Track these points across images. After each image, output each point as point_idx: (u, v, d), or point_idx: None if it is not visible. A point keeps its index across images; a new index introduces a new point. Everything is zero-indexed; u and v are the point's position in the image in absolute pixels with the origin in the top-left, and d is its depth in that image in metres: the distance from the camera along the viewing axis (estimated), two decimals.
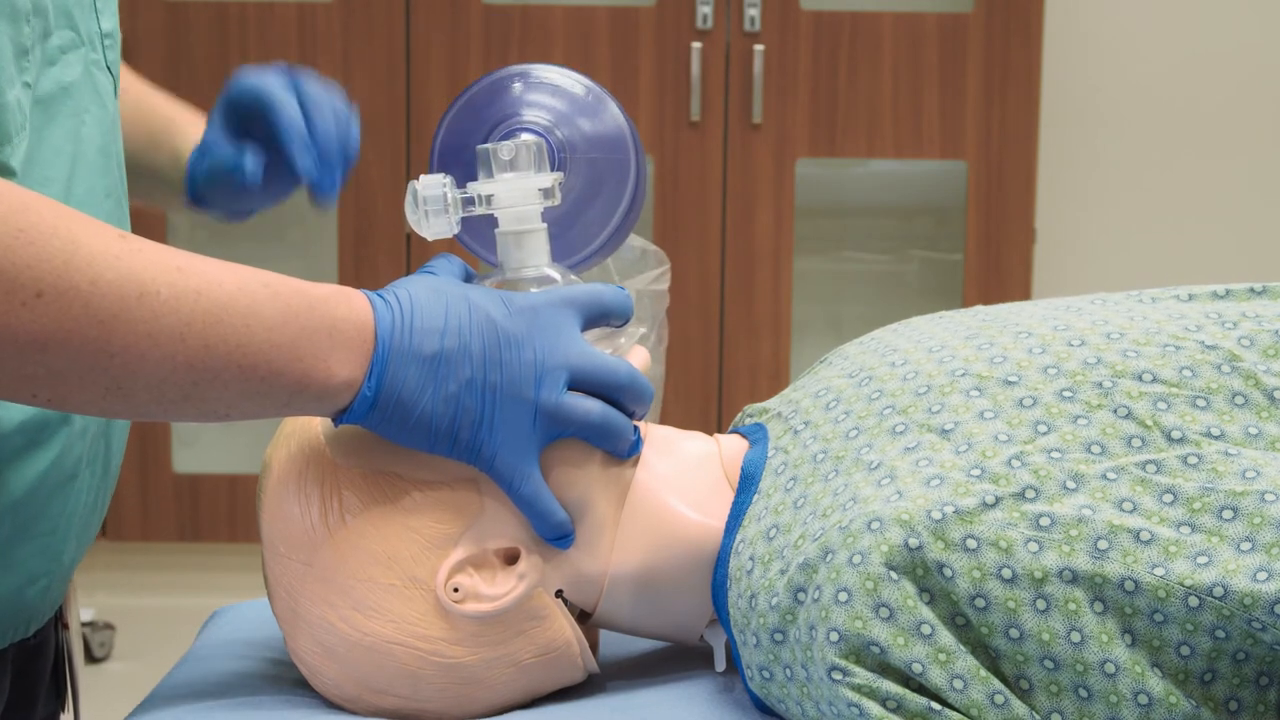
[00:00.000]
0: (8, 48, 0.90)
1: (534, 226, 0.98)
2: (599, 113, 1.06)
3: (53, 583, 1.02)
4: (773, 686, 0.90)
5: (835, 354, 1.05)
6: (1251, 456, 0.86)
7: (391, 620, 0.93)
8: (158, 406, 0.86)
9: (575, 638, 0.96)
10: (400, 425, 0.90)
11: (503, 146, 0.98)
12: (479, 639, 0.93)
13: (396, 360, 0.88)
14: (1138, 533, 0.84)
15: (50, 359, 0.81)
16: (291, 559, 0.95)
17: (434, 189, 0.97)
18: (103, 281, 0.81)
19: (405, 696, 0.94)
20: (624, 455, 0.96)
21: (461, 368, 0.89)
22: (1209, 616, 0.82)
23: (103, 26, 1.01)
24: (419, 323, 0.89)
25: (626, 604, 0.97)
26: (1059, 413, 0.90)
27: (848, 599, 0.85)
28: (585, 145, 1.04)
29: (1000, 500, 0.85)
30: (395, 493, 0.93)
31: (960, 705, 0.83)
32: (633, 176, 1.05)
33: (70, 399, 0.84)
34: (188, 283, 0.84)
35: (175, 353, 0.83)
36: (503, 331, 0.90)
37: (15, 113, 0.91)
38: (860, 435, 0.93)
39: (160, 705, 0.98)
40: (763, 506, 0.94)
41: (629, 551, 0.96)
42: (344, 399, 0.88)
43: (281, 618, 0.96)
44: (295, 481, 0.95)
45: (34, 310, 0.79)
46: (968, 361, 0.95)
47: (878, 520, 0.86)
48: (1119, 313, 0.98)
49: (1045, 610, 0.83)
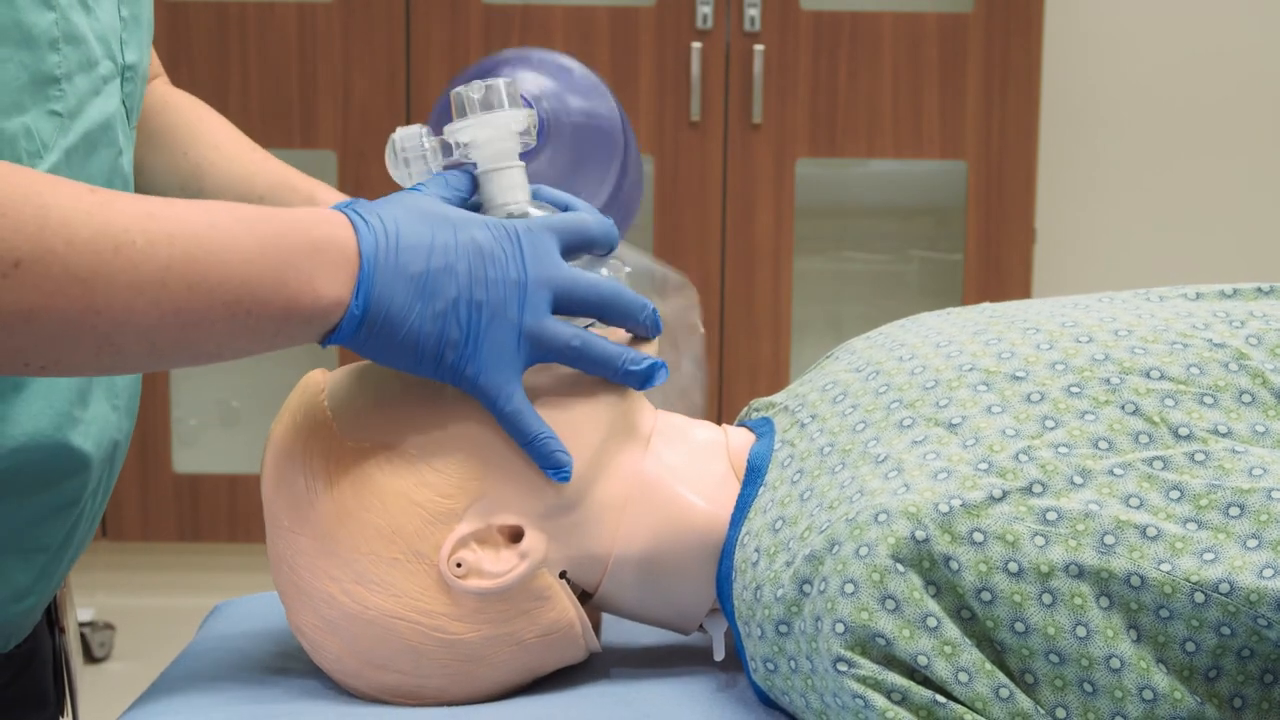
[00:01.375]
0: (19, 75, 0.90)
1: (511, 164, 0.98)
2: (588, 90, 1.06)
3: (39, 600, 1.02)
4: (776, 678, 0.90)
5: (842, 349, 1.05)
6: (1258, 454, 0.87)
7: (394, 594, 0.93)
8: (151, 357, 0.85)
9: (578, 618, 0.96)
10: (387, 344, 0.89)
11: (473, 86, 0.98)
12: (481, 616, 0.93)
13: (383, 278, 0.88)
14: (1144, 528, 0.84)
15: (37, 327, 0.81)
16: (295, 532, 0.95)
17: (411, 139, 0.98)
18: (78, 240, 0.80)
19: (406, 672, 0.94)
20: (635, 384, 0.95)
21: (448, 287, 0.89)
22: (1215, 613, 0.82)
23: (126, 59, 1.01)
24: (404, 242, 0.89)
25: (629, 587, 0.97)
26: (1066, 408, 0.90)
27: (854, 590, 0.85)
28: (570, 114, 1.04)
29: (1007, 494, 0.86)
30: (400, 467, 0.93)
31: (965, 698, 0.83)
32: (620, 150, 1.04)
33: (63, 363, 0.84)
34: (161, 228, 0.83)
35: (160, 299, 0.83)
36: (488, 253, 0.90)
37: (19, 140, 0.90)
38: (867, 429, 0.93)
39: (160, 697, 0.98)
40: (769, 499, 0.95)
41: (635, 535, 0.96)
42: (333, 318, 0.88)
43: (284, 591, 0.97)
44: (300, 455, 0.95)
45: (14, 280, 0.79)
46: (975, 356, 0.95)
47: (885, 512, 0.86)
48: (1127, 310, 0.99)
49: (1051, 605, 0.83)
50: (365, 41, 3.23)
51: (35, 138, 0.91)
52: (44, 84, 0.91)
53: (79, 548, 1.03)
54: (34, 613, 1.03)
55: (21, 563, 0.98)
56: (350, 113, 3.25)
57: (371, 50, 3.24)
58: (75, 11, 0.94)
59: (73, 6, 0.93)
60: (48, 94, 0.92)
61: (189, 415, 3.43)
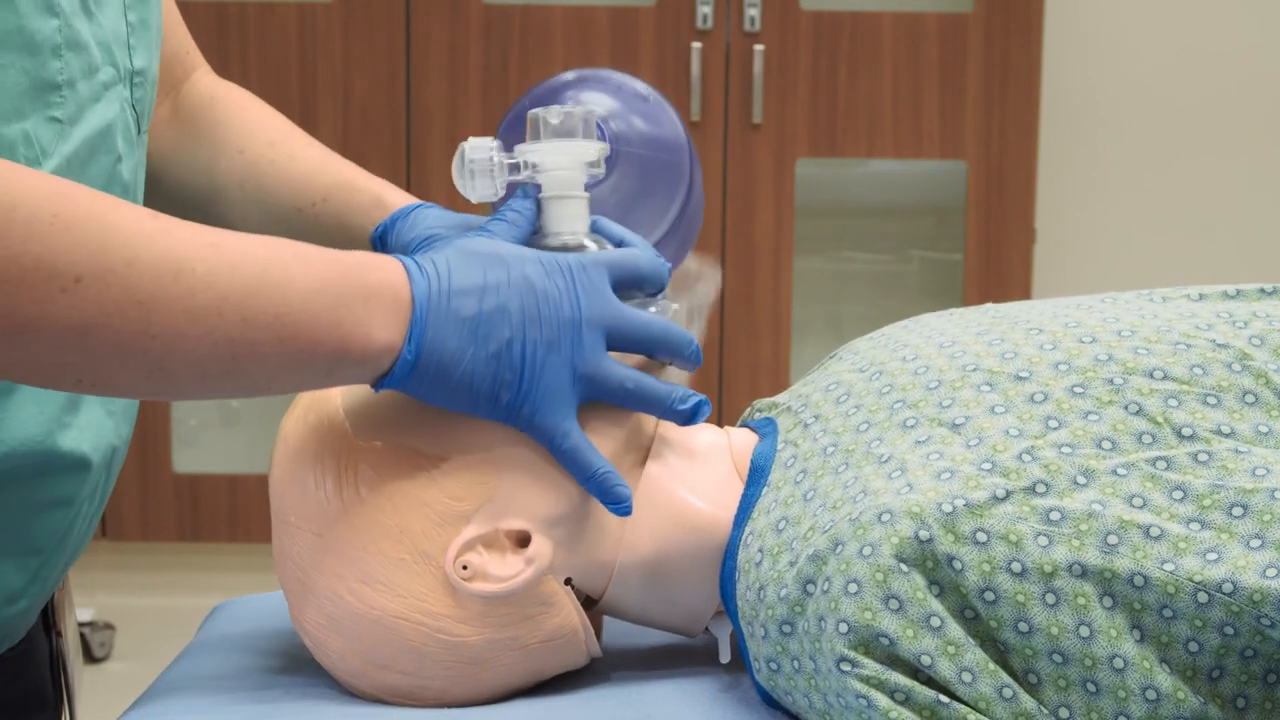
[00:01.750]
0: (19, 81, 0.89)
1: (576, 194, 0.98)
2: (657, 116, 1.06)
3: (33, 603, 1.02)
4: (780, 679, 0.90)
5: (845, 349, 1.05)
6: (1261, 454, 0.87)
7: (399, 594, 0.93)
8: (200, 385, 0.85)
9: (582, 625, 0.96)
10: (441, 388, 0.90)
11: (552, 110, 0.98)
12: (485, 619, 0.93)
13: (435, 322, 0.88)
14: (1148, 528, 0.84)
15: (91, 343, 0.81)
16: (302, 529, 0.95)
17: (481, 151, 0.97)
18: (139, 262, 0.81)
19: (409, 673, 0.94)
20: (680, 421, 0.95)
21: (501, 328, 0.89)
22: (1218, 613, 0.82)
23: (134, 64, 1.01)
24: (456, 284, 0.89)
25: (634, 592, 0.97)
26: (1070, 408, 0.90)
27: (857, 590, 0.85)
28: (639, 141, 1.04)
29: (1011, 494, 0.86)
30: (411, 467, 0.93)
31: (968, 698, 0.83)
32: (686, 182, 1.05)
33: (112, 382, 0.84)
34: (222, 258, 0.83)
35: (214, 328, 0.83)
36: (540, 290, 0.91)
37: (17, 146, 0.90)
38: (871, 429, 0.93)
39: (160, 698, 0.98)
40: (772, 499, 0.95)
41: (639, 540, 0.96)
42: (384, 363, 0.88)
43: (288, 588, 0.97)
44: (312, 453, 0.95)
45: (73, 296, 0.79)
46: (979, 357, 0.95)
47: (888, 512, 0.86)
48: (1130, 311, 0.99)
49: (1054, 604, 0.83)
50: (365, 41, 3.24)
51: (34, 144, 0.91)
52: (45, 90, 0.91)
53: (74, 552, 1.03)
54: (27, 616, 1.02)
55: (13, 565, 0.98)
56: (350, 113, 3.25)
57: (371, 50, 3.24)
58: (78, 18, 0.93)
59: (76, 13, 0.93)
60: (48, 100, 0.92)
61: (189, 415, 3.43)
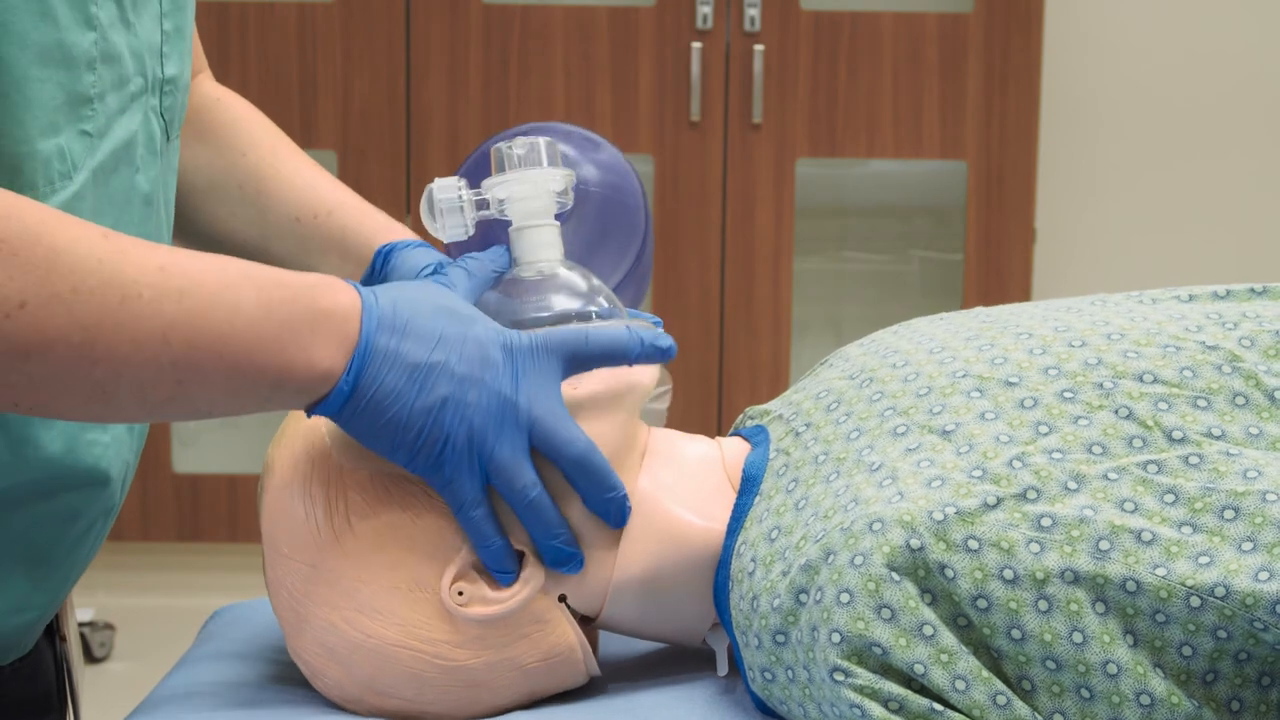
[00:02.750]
0: (55, 95, 0.89)
1: (545, 222, 0.98)
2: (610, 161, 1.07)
3: (41, 615, 1.01)
4: (774, 688, 0.90)
5: (836, 355, 1.05)
6: (1253, 456, 0.86)
7: (395, 623, 0.93)
8: (141, 409, 0.85)
9: (579, 642, 0.96)
10: (370, 426, 0.89)
11: (516, 143, 0.98)
12: (482, 642, 0.93)
13: (379, 359, 0.88)
14: (1139, 533, 0.84)
15: (32, 368, 0.80)
16: (295, 560, 0.94)
17: (448, 190, 0.98)
18: (84, 288, 0.80)
19: (408, 699, 0.94)
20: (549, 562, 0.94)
21: (441, 384, 0.89)
22: (1211, 616, 0.82)
23: (165, 72, 1.00)
24: (410, 328, 0.89)
25: (630, 609, 0.97)
26: (1060, 413, 0.90)
27: (850, 600, 0.84)
28: (597, 183, 1.05)
29: (1002, 501, 0.85)
30: (401, 495, 0.93)
31: (963, 706, 0.83)
32: (643, 226, 1.05)
33: (51, 406, 0.83)
34: (170, 283, 0.83)
35: (159, 355, 0.82)
36: (489, 362, 0.90)
37: (52, 161, 0.89)
38: (862, 436, 0.93)
39: (160, 705, 0.98)
40: (764, 508, 0.94)
41: (632, 557, 0.96)
42: (322, 390, 0.88)
43: (284, 618, 0.96)
44: (300, 483, 0.95)
45: (16, 321, 0.78)
46: (969, 363, 0.95)
47: (879, 521, 0.86)
48: (1120, 314, 0.98)
49: (1047, 611, 0.83)
50: (365, 41, 3.23)
51: (67, 158, 0.90)
52: (78, 104, 0.90)
53: (84, 565, 1.03)
54: (34, 628, 1.02)
55: (24, 577, 0.98)
56: (350, 113, 3.25)
57: (371, 50, 3.24)
58: (115, 30, 0.93)
59: (114, 25, 0.92)
60: (80, 114, 0.91)
61: None
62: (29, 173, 0.88)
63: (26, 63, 0.87)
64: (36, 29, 0.87)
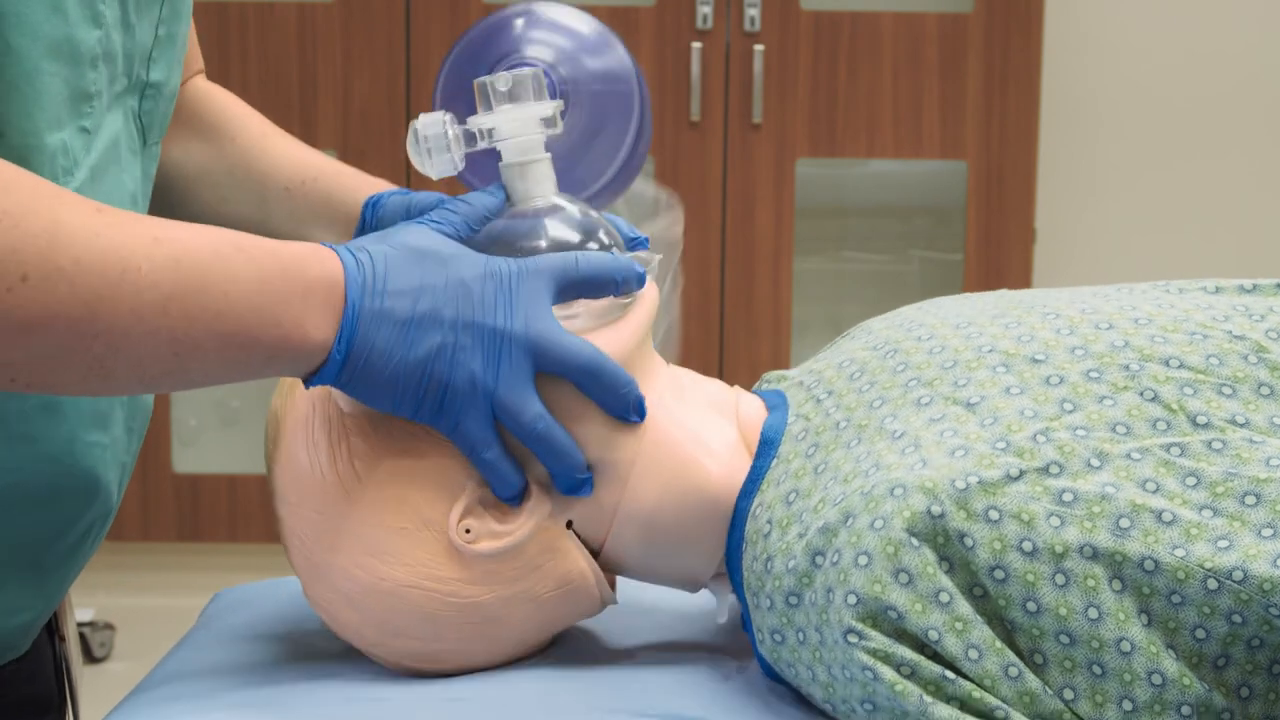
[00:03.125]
0: (61, 90, 0.89)
1: (537, 156, 0.97)
2: (602, 49, 1.05)
3: (37, 616, 1.01)
4: (784, 650, 0.90)
5: (859, 329, 1.05)
6: (1276, 445, 0.87)
7: (405, 564, 0.93)
8: (138, 383, 0.85)
9: (590, 569, 0.96)
10: (367, 387, 0.89)
11: (500, 77, 0.97)
12: (494, 577, 0.94)
13: (367, 322, 0.88)
14: (1160, 513, 0.84)
15: (34, 342, 0.79)
16: (303, 508, 0.95)
17: (434, 126, 0.96)
18: (85, 260, 0.79)
19: (425, 639, 0.95)
20: (562, 488, 0.94)
21: (431, 333, 0.89)
22: (1227, 600, 0.82)
23: (150, 76, 1.00)
24: (391, 285, 0.89)
25: (634, 545, 0.97)
26: (1085, 392, 0.90)
27: (868, 563, 0.85)
28: (587, 79, 1.03)
29: (1024, 473, 0.86)
30: (403, 436, 0.93)
31: (974, 675, 0.83)
32: (637, 109, 1.04)
33: (49, 381, 0.83)
34: (165, 252, 0.82)
35: (159, 327, 0.82)
36: (476, 297, 0.90)
37: (57, 156, 0.89)
38: (884, 405, 0.93)
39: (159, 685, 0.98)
40: (782, 471, 0.94)
41: (643, 492, 0.95)
42: (317, 360, 0.88)
43: (298, 567, 0.97)
44: (303, 430, 0.95)
45: (18, 295, 0.78)
46: (995, 339, 0.95)
47: (901, 486, 0.86)
48: (1146, 300, 0.99)
49: (1064, 585, 0.83)
50: (365, 41, 3.24)
51: (70, 154, 0.91)
52: (79, 100, 0.91)
53: (80, 567, 1.03)
54: (31, 629, 1.02)
55: (20, 579, 0.98)
56: (350, 113, 3.25)
57: (371, 50, 3.24)
58: (117, 30, 0.93)
59: (116, 25, 0.93)
60: (81, 110, 0.91)
61: (189, 415, 3.42)
62: (36, 166, 0.88)
63: (38, 55, 0.87)
64: (48, 22, 0.87)
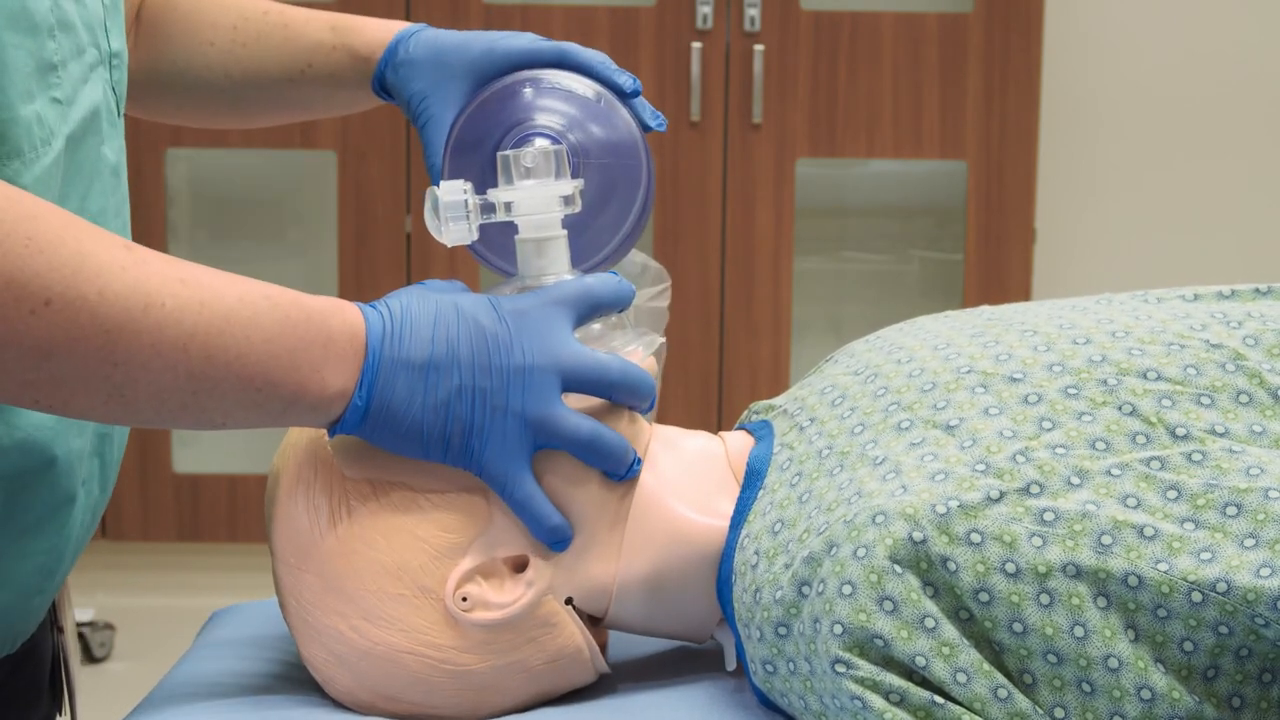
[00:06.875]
0: (26, 62, 0.91)
1: (555, 234, 0.97)
2: (610, 119, 1.05)
3: (44, 598, 1.02)
4: (776, 680, 0.90)
5: (842, 352, 1.06)
6: (1256, 454, 0.87)
7: (402, 630, 0.93)
8: (156, 415, 0.86)
9: (586, 643, 0.96)
10: (393, 434, 0.90)
11: (524, 153, 0.97)
12: (489, 646, 0.94)
13: (387, 369, 0.89)
14: (1141, 528, 0.84)
15: (55, 366, 0.82)
16: (302, 570, 0.95)
17: (454, 194, 0.95)
18: (110, 292, 0.82)
19: (418, 703, 0.95)
20: (619, 477, 0.95)
21: (450, 375, 0.90)
22: (1212, 612, 0.82)
23: (112, 46, 1.02)
24: (409, 330, 0.90)
25: (637, 608, 0.97)
26: (1064, 409, 0.90)
27: (852, 592, 0.85)
28: (598, 151, 1.03)
29: (1005, 495, 0.86)
30: (403, 502, 0.93)
31: (963, 699, 0.83)
32: (644, 183, 1.04)
33: (71, 405, 0.85)
34: (192, 294, 0.84)
35: (177, 363, 0.84)
36: (491, 336, 0.90)
37: (33, 127, 0.91)
38: (865, 431, 0.93)
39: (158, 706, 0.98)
40: (768, 502, 0.95)
41: (636, 556, 0.96)
42: (337, 409, 0.89)
43: (294, 627, 0.97)
44: (304, 492, 0.95)
45: (41, 318, 0.80)
46: (973, 359, 0.95)
47: (882, 514, 0.86)
48: (1124, 312, 0.99)
49: (1049, 605, 0.83)
50: None
51: (45, 124, 0.92)
52: (46, 71, 0.92)
53: (80, 542, 1.03)
54: (39, 611, 1.03)
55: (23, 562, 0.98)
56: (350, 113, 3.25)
57: None
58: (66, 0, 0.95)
59: None
60: (49, 81, 0.93)
61: None
62: (14, 139, 0.90)
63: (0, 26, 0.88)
64: None
